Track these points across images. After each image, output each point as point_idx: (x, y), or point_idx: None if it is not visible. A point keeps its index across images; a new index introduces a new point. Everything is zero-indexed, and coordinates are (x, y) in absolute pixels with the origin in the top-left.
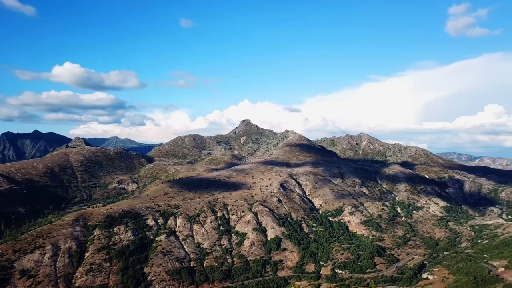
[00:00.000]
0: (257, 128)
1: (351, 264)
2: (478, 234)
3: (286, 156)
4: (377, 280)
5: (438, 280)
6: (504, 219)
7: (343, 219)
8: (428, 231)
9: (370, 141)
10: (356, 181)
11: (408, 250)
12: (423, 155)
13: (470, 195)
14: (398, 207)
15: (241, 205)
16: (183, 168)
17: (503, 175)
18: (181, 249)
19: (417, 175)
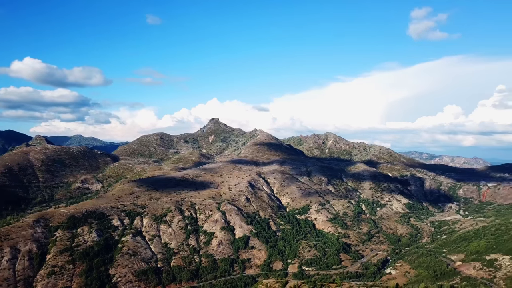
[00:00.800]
0: (226, 126)
1: (317, 261)
2: (437, 229)
3: (254, 155)
4: (343, 276)
5: (400, 274)
6: (461, 215)
7: (310, 217)
8: (391, 228)
9: (336, 140)
10: (323, 179)
11: (372, 246)
12: (386, 154)
13: (430, 192)
14: (363, 204)
15: (209, 204)
16: (150, 167)
17: (461, 173)
18: (148, 249)
19: (381, 173)
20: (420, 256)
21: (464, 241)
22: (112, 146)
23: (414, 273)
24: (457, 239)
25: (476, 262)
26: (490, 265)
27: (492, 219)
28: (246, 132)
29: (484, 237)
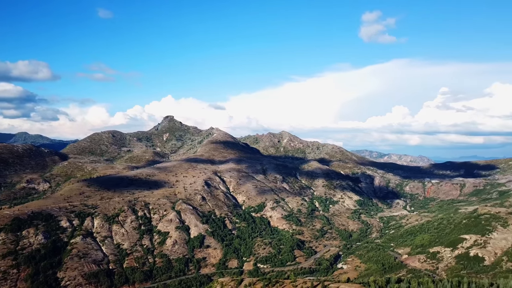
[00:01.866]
0: (181, 124)
1: (272, 258)
2: (386, 225)
3: (210, 153)
4: (297, 272)
5: (351, 269)
6: (408, 211)
7: (265, 215)
8: (343, 224)
9: (291, 139)
10: (278, 177)
11: (325, 242)
12: (339, 152)
13: (379, 189)
14: (316, 201)
15: (164, 204)
16: (101, 166)
17: (408, 171)
18: (99, 251)
19: (333, 171)
20: (370, 250)
21: (410, 235)
22: (60, 144)
23: (364, 267)
24: (404, 234)
25: (421, 255)
26: (433, 257)
27: (435, 214)
28: (202, 131)
29: (428, 231)
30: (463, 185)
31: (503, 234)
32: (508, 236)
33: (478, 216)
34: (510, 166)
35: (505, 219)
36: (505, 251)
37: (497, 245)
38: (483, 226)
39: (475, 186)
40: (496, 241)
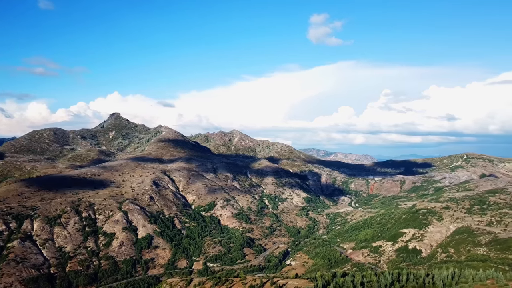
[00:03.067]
0: (128, 122)
1: (222, 257)
2: (332, 221)
3: (159, 152)
4: (246, 270)
5: (299, 265)
6: (352, 207)
7: (215, 213)
8: (292, 221)
9: (242, 138)
10: (228, 176)
11: (274, 240)
12: (287, 150)
13: (326, 187)
14: (266, 199)
15: (110, 204)
16: (42, 165)
17: (353, 169)
18: (39, 255)
19: (283, 169)
20: (317, 246)
21: (354, 230)
22: None
23: (312, 262)
24: (349, 229)
25: (365, 249)
26: (376, 251)
27: (378, 210)
28: (151, 129)
29: (371, 226)
30: (403, 182)
31: (438, 227)
32: (442, 229)
33: (416, 211)
34: (444, 164)
35: (440, 213)
36: (440, 243)
37: (433, 238)
38: (421, 221)
39: (413, 183)
40: (432, 234)
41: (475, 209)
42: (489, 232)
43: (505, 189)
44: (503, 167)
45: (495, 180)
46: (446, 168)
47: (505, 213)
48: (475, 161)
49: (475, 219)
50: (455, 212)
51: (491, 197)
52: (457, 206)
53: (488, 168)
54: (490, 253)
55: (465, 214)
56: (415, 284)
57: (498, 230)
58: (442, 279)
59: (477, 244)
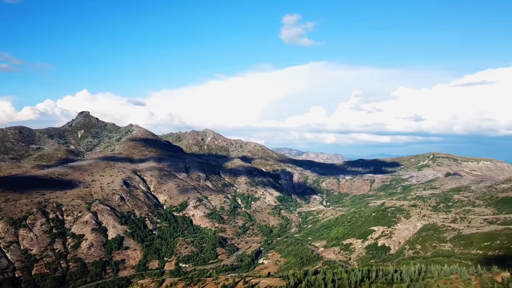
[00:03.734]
0: (98, 121)
1: (194, 257)
2: (304, 219)
3: (130, 152)
4: (219, 270)
5: (272, 263)
6: (324, 206)
7: (187, 213)
8: (264, 220)
9: (215, 137)
10: (201, 175)
11: (247, 239)
12: (260, 150)
13: (298, 186)
14: (239, 198)
15: (78, 205)
16: (6, 165)
17: (324, 168)
18: (3, 258)
19: (256, 168)
20: (289, 245)
21: (326, 229)
22: None
23: (284, 261)
24: (320, 228)
25: (336, 247)
26: (346, 249)
27: (348, 208)
28: (121, 128)
29: (342, 224)
30: (372, 181)
31: (406, 225)
32: (410, 226)
33: (385, 209)
34: (412, 163)
35: (407, 211)
36: (407, 240)
37: (401, 235)
38: (389, 218)
39: (383, 181)
40: (400, 231)
41: (440, 207)
42: (453, 229)
43: (469, 187)
44: (467, 166)
45: (459, 179)
46: (414, 167)
47: (468, 210)
48: (441, 160)
49: (441, 216)
50: (422, 210)
51: (455, 195)
52: (424, 204)
53: (453, 167)
54: (455, 248)
55: (431, 211)
56: (384, 280)
57: (462, 226)
58: (409, 275)
59: (442, 241)
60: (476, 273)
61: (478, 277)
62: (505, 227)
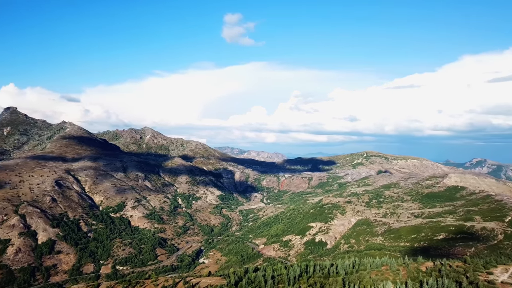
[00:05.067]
0: (27, 117)
1: (133, 259)
2: (245, 217)
3: (62, 150)
4: (159, 271)
5: (213, 262)
6: (264, 203)
7: (125, 214)
8: (205, 219)
9: (154, 135)
10: (140, 175)
11: (188, 239)
12: (202, 149)
13: (240, 184)
14: (179, 198)
15: (4, 208)
16: None
17: (265, 166)
18: None
19: (197, 167)
20: (230, 243)
21: (266, 226)
22: None
23: (225, 259)
24: (261, 225)
25: (275, 244)
26: (286, 245)
27: (288, 205)
28: (53, 125)
29: (282, 221)
30: (310, 179)
31: (341, 220)
32: (345, 222)
33: (323, 206)
34: (347, 161)
35: (343, 207)
36: (343, 235)
37: (337, 230)
38: (326, 215)
39: (320, 179)
40: (336, 227)
41: (373, 203)
42: (384, 223)
43: (398, 184)
44: (396, 164)
45: (390, 176)
46: (349, 165)
47: (397, 205)
48: (374, 159)
49: (373, 211)
50: (356, 206)
51: (386, 191)
52: (358, 200)
53: (384, 165)
54: (385, 242)
55: (364, 207)
56: (321, 274)
57: (391, 221)
58: (344, 268)
59: (374, 234)
60: (404, 264)
61: (405, 267)
62: (429, 220)
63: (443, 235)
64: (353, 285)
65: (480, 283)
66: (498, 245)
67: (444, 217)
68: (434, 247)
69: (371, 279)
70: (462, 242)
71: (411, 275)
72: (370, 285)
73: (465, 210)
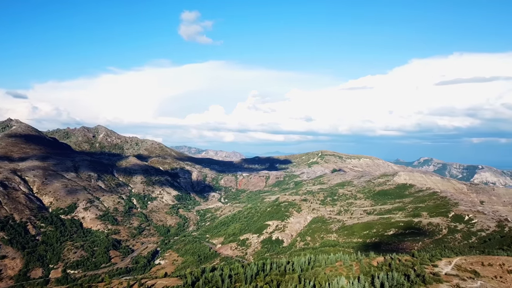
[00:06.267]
0: None
1: (85, 262)
2: (202, 217)
3: (8, 149)
4: (112, 274)
5: (169, 263)
6: (222, 203)
7: (77, 216)
8: (161, 220)
9: (108, 134)
10: (92, 175)
11: (143, 240)
12: (158, 148)
13: (197, 184)
14: (134, 198)
15: None
16: None
17: (223, 165)
18: None
19: (153, 167)
20: (187, 243)
21: (223, 225)
22: None
23: (182, 260)
24: (218, 225)
25: (233, 243)
26: (243, 244)
27: (245, 204)
28: None
29: (239, 220)
30: (268, 177)
31: (297, 218)
32: (301, 219)
33: (279, 204)
34: (303, 160)
35: (299, 205)
36: (299, 232)
37: (293, 228)
38: (283, 213)
39: (277, 178)
40: (292, 224)
41: (328, 200)
42: (338, 220)
43: (351, 182)
44: (350, 163)
45: (344, 174)
46: (305, 164)
47: (351, 203)
48: (328, 158)
49: (328, 209)
50: (311, 204)
51: (340, 189)
52: (313, 198)
53: (338, 163)
54: (339, 238)
55: (320, 205)
56: (277, 272)
57: (345, 218)
58: (300, 265)
59: (329, 232)
60: (356, 260)
61: (358, 263)
62: (380, 216)
63: (393, 231)
64: (309, 281)
65: (426, 275)
66: (442, 239)
67: (394, 214)
68: (385, 242)
69: (326, 275)
70: (411, 237)
71: (363, 270)
72: (325, 281)
73: (413, 207)
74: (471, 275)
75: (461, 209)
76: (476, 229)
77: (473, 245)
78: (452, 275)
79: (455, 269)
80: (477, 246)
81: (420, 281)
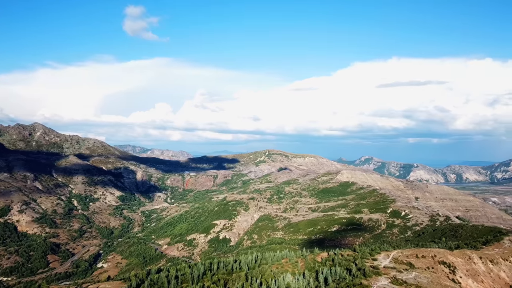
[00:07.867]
0: None
1: (20, 268)
2: (148, 218)
3: None
4: (50, 279)
5: (112, 266)
6: (168, 203)
7: (10, 219)
8: (104, 221)
9: (46, 132)
10: (28, 175)
11: (84, 243)
12: (101, 147)
13: (142, 184)
14: (75, 200)
15: None
16: None
17: (169, 165)
18: None
19: (95, 166)
20: (132, 245)
21: (170, 226)
22: None
23: (126, 262)
24: (164, 225)
25: (179, 243)
26: (190, 244)
27: (192, 204)
28: None
29: (186, 220)
30: (216, 177)
31: (245, 217)
32: (248, 218)
33: (227, 203)
34: (251, 159)
35: (246, 204)
36: (246, 231)
37: (240, 226)
38: (231, 212)
39: (225, 177)
40: (239, 223)
41: (274, 198)
42: (284, 218)
43: (297, 180)
44: (296, 162)
45: (290, 173)
46: (252, 163)
47: (296, 201)
48: (275, 157)
49: (274, 207)
50: (259, 202)
51: (286, 187)
52: (260, 196)
53: (284, 162)
54: (285, 235)
55: (266, 203)
56: (224, 271)
57: (291, 215)
58: (247, 263)
59: (275, 229)
60: (302, 256)
61: (303, 259)
62: (324, 213)
63: (336, 227)
64: (255, 279)
65: (366, 268)
66: (381, 233)
67: (338, 211)
68: (328, 238)
69: (272, 272)
70: (352, 233)
71: (308, 266)
72: (271, 278)
73: (355, 204)
74: (407, 267)
75: (398, 205)
76: (411, 223)
77: (409, 239)
78: (390, 268)
79: (393, 262)
80: (412, 239)
81: (361, 274)
